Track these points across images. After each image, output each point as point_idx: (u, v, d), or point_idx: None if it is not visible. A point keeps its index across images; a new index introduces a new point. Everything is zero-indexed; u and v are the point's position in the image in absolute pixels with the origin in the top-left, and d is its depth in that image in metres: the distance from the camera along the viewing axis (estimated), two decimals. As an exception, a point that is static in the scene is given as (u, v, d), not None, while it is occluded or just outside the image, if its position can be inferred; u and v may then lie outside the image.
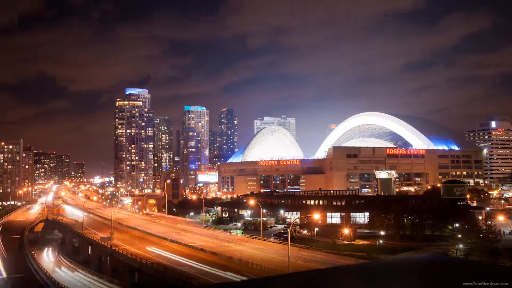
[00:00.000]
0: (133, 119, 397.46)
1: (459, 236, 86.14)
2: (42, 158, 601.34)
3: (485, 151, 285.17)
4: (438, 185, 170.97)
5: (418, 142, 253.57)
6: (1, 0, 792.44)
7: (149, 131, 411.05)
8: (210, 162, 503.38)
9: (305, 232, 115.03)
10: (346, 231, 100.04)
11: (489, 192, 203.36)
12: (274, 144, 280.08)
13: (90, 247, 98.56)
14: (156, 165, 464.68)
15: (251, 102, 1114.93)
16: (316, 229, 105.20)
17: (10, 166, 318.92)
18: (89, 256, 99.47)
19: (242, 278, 53.40)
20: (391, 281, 5.77)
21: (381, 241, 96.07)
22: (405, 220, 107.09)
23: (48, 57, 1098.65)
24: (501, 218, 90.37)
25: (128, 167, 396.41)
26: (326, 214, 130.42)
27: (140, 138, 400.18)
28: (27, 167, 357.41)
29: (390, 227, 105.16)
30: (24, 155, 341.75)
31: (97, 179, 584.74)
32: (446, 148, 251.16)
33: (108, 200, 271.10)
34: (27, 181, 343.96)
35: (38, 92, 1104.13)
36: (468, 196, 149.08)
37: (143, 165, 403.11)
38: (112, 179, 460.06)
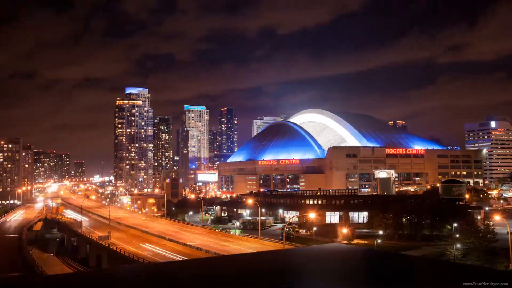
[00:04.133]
0: (133, 118, 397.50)
1: (457, 236, 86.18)
2: (42, 157, 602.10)
3: (484, 151, 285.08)
4: (438, 185, 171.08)
5: (352, 139, 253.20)
6: None
7: (149, 131, 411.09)
8: (210, 162, 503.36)
9: (303, 231, 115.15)
10: (344, 230, 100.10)
11: (489, 192, 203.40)
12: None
13: (88, 246, 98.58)
14: (155, 164, 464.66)
15: (251, 102, 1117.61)
16: (315, 228, 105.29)
17: (9, 165, 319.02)
18: (87, 255, 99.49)
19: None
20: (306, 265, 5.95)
21: (379, 241, 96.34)
22: (404, 219, 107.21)
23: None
24: (497, 217, 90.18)
25: (127, 166, 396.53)
26: (325, 213, 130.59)
27: (140, 137, 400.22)
28: (26, 166, 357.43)
29: (388, 227, 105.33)
30: (24, 154, 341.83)
31: (97, 178, 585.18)
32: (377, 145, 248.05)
33: (108, 199, 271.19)
34: (26, 180, 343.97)
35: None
36: (467, 196, 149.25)
37: (143, 164, 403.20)
38: (112, 178, 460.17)
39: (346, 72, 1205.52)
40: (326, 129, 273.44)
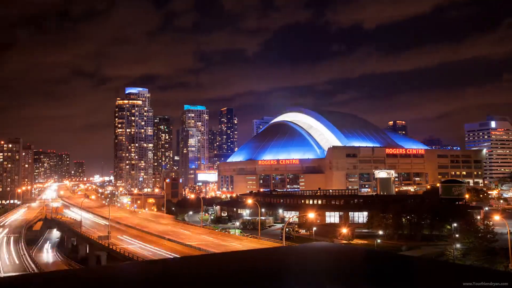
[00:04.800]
0: (133, 118, 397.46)
1: (457, 235, 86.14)
2: (42, 157, 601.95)
3: (484, 151, 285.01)
4: (438, 185, 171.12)
5: (334, 138, 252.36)
6: None
7: (149, 130, 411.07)
8: (210, 162, 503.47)
9: (303, 231, 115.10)
10: (344, 230, 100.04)
11: (489, 192, 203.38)
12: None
13: (88, 246, 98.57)
14: (155, 164, 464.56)
15: (250, 102, 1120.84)
16: (314, 228, 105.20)
17: (9, 165, 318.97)
18: (87, 254, 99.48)
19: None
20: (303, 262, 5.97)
21: (379, 241, 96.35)
22: (404, 219, 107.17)
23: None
24: (497, 217, 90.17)
25: (127, 166, 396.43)
26: (325, 213, 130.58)
27: (140, 137, 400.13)
28: (26, 166, 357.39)
29: (388, 227, 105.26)
30: (24, 154, 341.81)
31: (97, 178, 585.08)
32: (364, 144, 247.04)
33: (108, 199, 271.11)
34: (26, 180, 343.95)
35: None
36: (467, 196, 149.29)
37: (143, 164, 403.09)
38: (112, 178, 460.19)
39: (413, 68, 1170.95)
40: (311, 128, 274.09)
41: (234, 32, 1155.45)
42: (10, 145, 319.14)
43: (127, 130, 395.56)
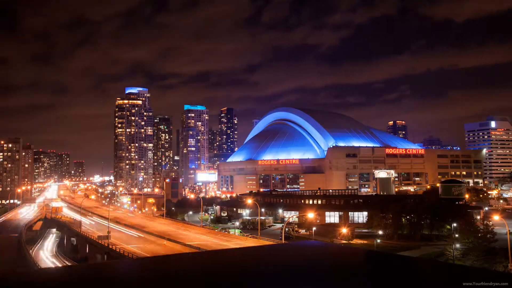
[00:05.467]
0: (133, 118, 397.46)
1: (457, 235, 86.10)
2: (42, 156, 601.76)
3: (484, 151, 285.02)
4: (437, 184, 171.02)
5: (319, 137, 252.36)
6: None
7: (149, 130, 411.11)
8: (210, 161, 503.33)
9: (303, 231, 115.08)
10: (344, 230, 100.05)
11: (488, 192, 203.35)
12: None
13: (87, 245, 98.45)
14: (155, 164, 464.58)
15: (250, 102, 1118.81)
16: (314, 228, 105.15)
17: (9, 165, 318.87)
18: (87, 254, 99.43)
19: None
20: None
21: (379, 241, 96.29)
22: (403, 219, 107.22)
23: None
24: (496, 217, 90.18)
25: (127, 166, 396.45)
26: (325, 213, 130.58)
27: (140, 137, 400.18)
28: (26, 165, 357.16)
29: (388, 227, 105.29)
30: (23, 153, 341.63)
31: (97, 178, 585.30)
32: (350, 143, 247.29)
33: (107, 199, 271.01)
34: (26, 179, 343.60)
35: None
36: (467, 196, 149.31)
37: (143, 164, 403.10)
38: (111, 178, 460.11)
39: (481, 64, 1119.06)
40: (304, 128, 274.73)
41: (315, 28, 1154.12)
42: (10, 145, 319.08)
43: (127, 130, 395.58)
